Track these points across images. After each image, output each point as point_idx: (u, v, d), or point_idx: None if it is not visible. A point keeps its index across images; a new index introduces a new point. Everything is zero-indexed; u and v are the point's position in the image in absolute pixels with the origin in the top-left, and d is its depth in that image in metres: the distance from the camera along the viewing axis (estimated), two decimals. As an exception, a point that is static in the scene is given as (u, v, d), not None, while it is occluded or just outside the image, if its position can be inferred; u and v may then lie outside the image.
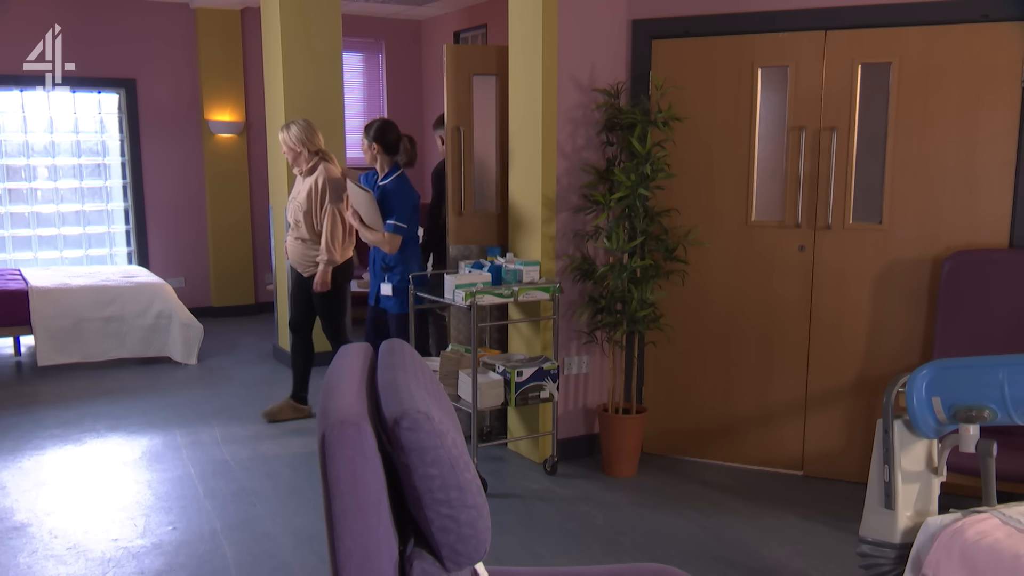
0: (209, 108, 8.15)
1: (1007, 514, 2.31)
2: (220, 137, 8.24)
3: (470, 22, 8.47)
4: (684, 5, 4.33)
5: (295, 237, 5.02)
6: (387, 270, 4.73)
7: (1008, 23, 3.80)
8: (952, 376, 2.40)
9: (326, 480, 1.39)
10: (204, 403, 5.62)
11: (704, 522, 3.82)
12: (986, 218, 3.94)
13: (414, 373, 1.68)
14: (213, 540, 3.64)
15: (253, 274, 8.54)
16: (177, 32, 8.04)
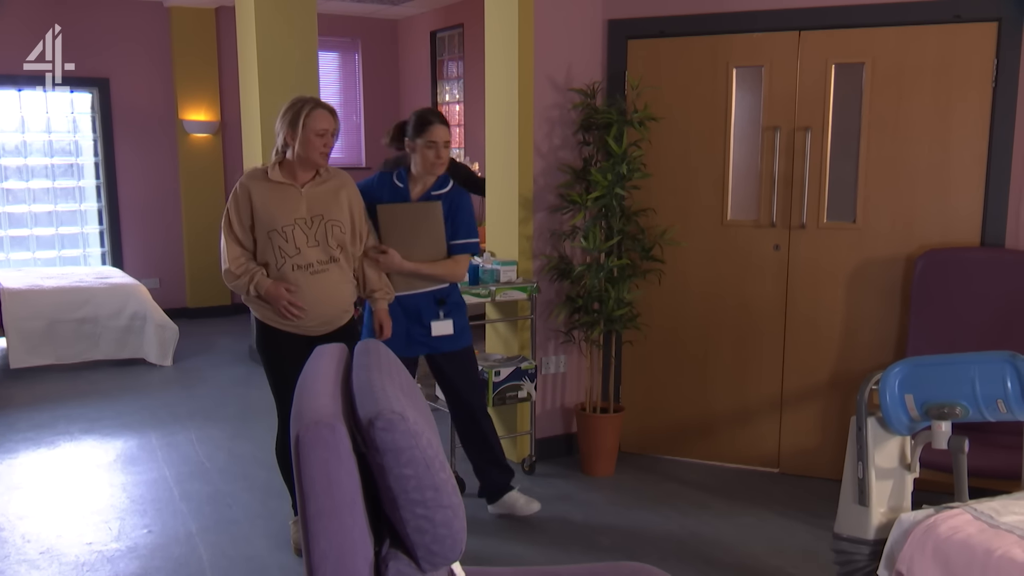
0: (184, 108, 8.09)
1: (979, 509, 2.34)
2: (195, 137, 8.18)
3: (446, 22, 8.46)
4: (659, 5, 4.35)
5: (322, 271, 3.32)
6: (442, 303, 3.68)
7: (979, 24, 3.85)
8: (924, 373, 2.43)
9: (301, 481, 1.39)
10: (179, 405, 5.57)
11: (682, 520, 3.84)
12: (958, 217, 3.98)
13: (389, 373, 1.68)
14: (189, 543, 3.61)
15: (229, 275, 8.48)
16: (151, 31, 7.97)
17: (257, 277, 3.27)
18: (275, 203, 3.28)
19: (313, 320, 3.32)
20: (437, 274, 3.61)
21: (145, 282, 7.48)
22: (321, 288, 3.31)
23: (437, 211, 3.57)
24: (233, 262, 3.29)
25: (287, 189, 3.31)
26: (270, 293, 3.25)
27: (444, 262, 3.62)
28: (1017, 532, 2.19)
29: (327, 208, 3.33)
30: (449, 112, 8.80)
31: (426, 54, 8.86)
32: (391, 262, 3.50)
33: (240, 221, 3.29)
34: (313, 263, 3.29)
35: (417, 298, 3.63)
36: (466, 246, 3.66)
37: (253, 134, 6.31)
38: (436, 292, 3.65)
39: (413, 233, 3.55)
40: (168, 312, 6.91)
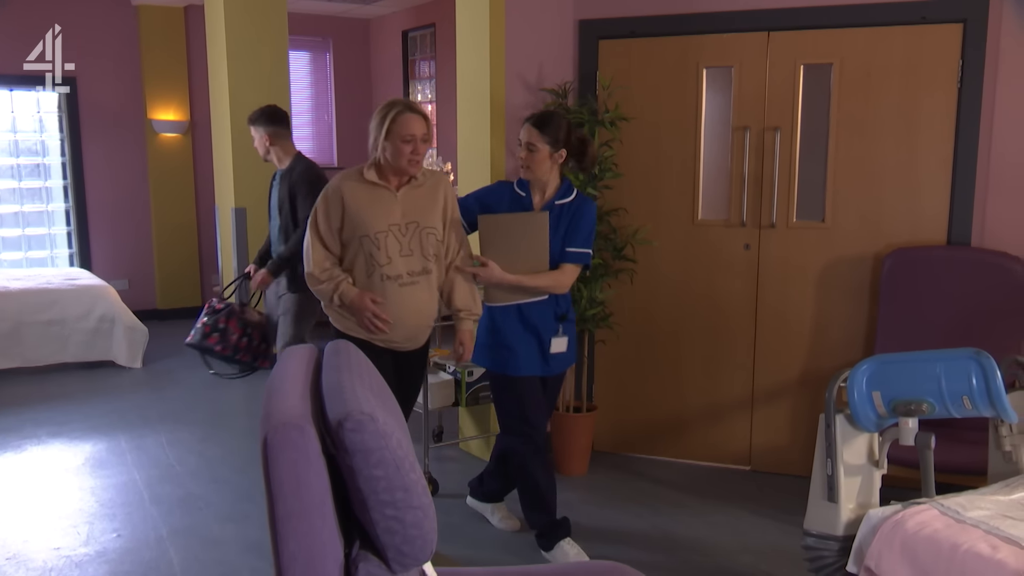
0: (152, 107, 8.01)
1: (945, 505, 2.37)
2: (164, 136, 8.10)
3: (418, 21, 8.44)
4: (630, 6, 4.36)
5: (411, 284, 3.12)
6: (563, 319, 3.43)
7: (945, 25, 3.90)
8: (891, 371, 2.46)
9: (269, 483, 1.38)
10: (149, 407, 5.52)
11: (654, 519, 3.85)
12: (925, 216, 4.03)
13: (359, 374, 1.67)
14: (159, 547, 3.58)
15: (200, 276, 8.41)
16: (118, 30, 7.88)
17: (343, 286, 3.07)
18: (369, 206, 3.05)
19: (398, 335, 3.14)
20: (541, 286, 3.33)
21: (114, 283, 7.41)
22: (409, 302, 3.10)
23: (543, 222, 3.29)
24: (317, 266, 3.09)
25: (382, 192, 3.08)
26: (355, 303, 3.06)
27: (549, 273, 3.34)
28: (983, 527, 2.22)
29: (423, 214, 3.11)
30: (421, 112, 8.76)
31: (398, 54, 8.84)
32: (490, 275, 3.27)
33: (329, 223, 3.08)
34: (403, 274, 3.07)
35: (535, 309, 3.38)
36: (576, 256, 3.36)
37: (223, 134, 6.27)
38: (556, 307, 3.41)
39: (515, 245, 3.30)
40: (138, 314, 6.83)
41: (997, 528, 2.21)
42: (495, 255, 3.29)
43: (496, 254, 3.29)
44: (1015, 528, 2.21)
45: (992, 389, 2.30)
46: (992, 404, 2.33)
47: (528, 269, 3.31)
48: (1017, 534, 2.17)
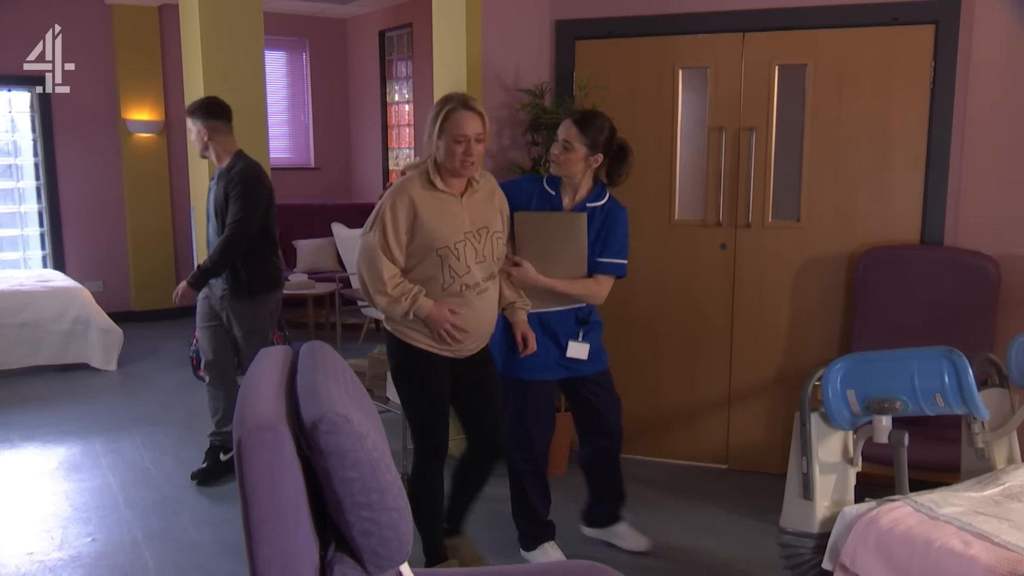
0: (126, 107, 7.94)
1: (919, 501, 2.39)
2: (138, 137, 8.03)
3: (395, 21, 8.42)
4: (606, 6, 4.37)
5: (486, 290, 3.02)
6: (584, 323, 3.33)
7: (917, 26, 3.93)
8: (865, 369, 2.48)
9: (243, 486, 1.37)
10: (124, 410, 5.47)
11: (632, 517, 3.85)
12: (898, 215, 4.06)
13: (335, 375, 1.66)
14: (134, 550, 3.55)
15: (175, 277, 8.34)
16: (92, 29, 7.80)
17: (420, 300, 2.89)
18: (444, 217, 2.89)
19: (472, 343, 3.02)
20: (575, 294, 3.20)
21: (88, 285, 7.33)
22: (485, 308, 3.00)
23: (582, 224, 3.16)
24: (391, 282, 2.88)
25: (449, 199, 2.93)
26: (432, 316, 2.89)
27: (584, 281, 3.21)
28: (956, 523, 2.25)
29: (488, 219, 2.99)
30: (398, 112, 8.77)
31: (375, 54, 8.81)
32: (524, 276, 3.14)
33: (398, 235, 2.88)
34: (480, 281, 2.95)
35: (556, 315, 3.27)
36: (612, 266, 3.23)
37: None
38: (578, 310, 3.28)
39: (552, 246, 3.16)
40: (112, 316, 6.77)
41: (970, 524, 2.23)
42: (530, 255, 3.17)
43: (531, 254, 3.17)
44: (987, 524, 2.23)
45: (964, 387, 2.33)
46: (964, 401, 2.35)
47: (563, 273, 3.18)
48: (989, 530, 2.19)
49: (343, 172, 9.46)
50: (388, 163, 8.99)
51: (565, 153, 3.18)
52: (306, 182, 9.12)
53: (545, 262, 3.16)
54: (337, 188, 9.37)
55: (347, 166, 9.44)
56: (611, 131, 3.22)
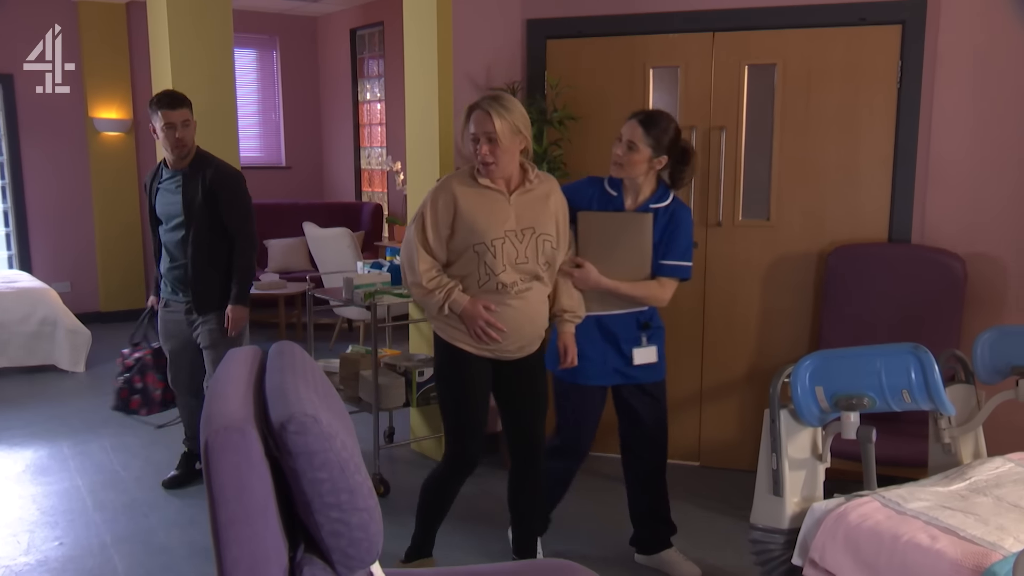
0: (94, 105, 7.84)
1: (887, 497, 2.42)
2: (106, 135, 7.94)
3: (366, 19, 8.38)
4: (577, 6, 4.38)
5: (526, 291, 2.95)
6: (646, 327, 3.25)
7: (884, 26, 3.98)
8: (833, 366, 2.50)
9: (211, 488, 1.36)
10: (93, 412, 5.40)
11: (606, 515, 3.87)
12: (866, 214, 4.11)
13: (303, 375, 1.65)
14: (103, 554, 3.51)
15: (144, 277, 8.25)
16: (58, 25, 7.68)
17: (454, 294, 2.89)
18: (484, 212, 2.87)
19: (511, 344, 2.96)
20: (637, 296, 3.13)
21: (55, 286, 7.23)
22: (525, 310, 2.94)
23: (647, 225, 3.08)
24: (425, 275, 2.90)
25: (495, 196, 2.90)
26: (467, 312, 2.88)
27: (648, 283, 3.13)
28: (923, 518, 2.27)
29: (537, 219, 2.93)
30: (370, 111, 8.73)
31: (346, 52, 8.77)
32: (587, 277, 3.07)
33: (437, 229, 2.89)
34: (518, 281, 2.90)
35: (617, 319, 3.20)
36: (676, 269, 3.14)
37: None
38: (639, 314, 3.21)
39: (616, 247, 3.10)
40: (80, 316, 6.69)
41: (936, 519, 2.26)
42: (592, 256, 3.10)
43: (593, 255, 3.10)
44: (953, 518, 2.26)
45: (930, 383, 2.35)
46: (931, 397, 2.37)
47: (626, 275, 3.10)
48: (955, 524, 2.22)
49: (315, 171, 9.41)
50: (360, 162, 8.95)
51: (629, 154, 3.10)
52: (277, 181, 9.06)
53: (608, 263, 3.09)
54: (309, 187, 9.31)
55: (319, 165, 9.39)
56: (676, 132, 3.14)
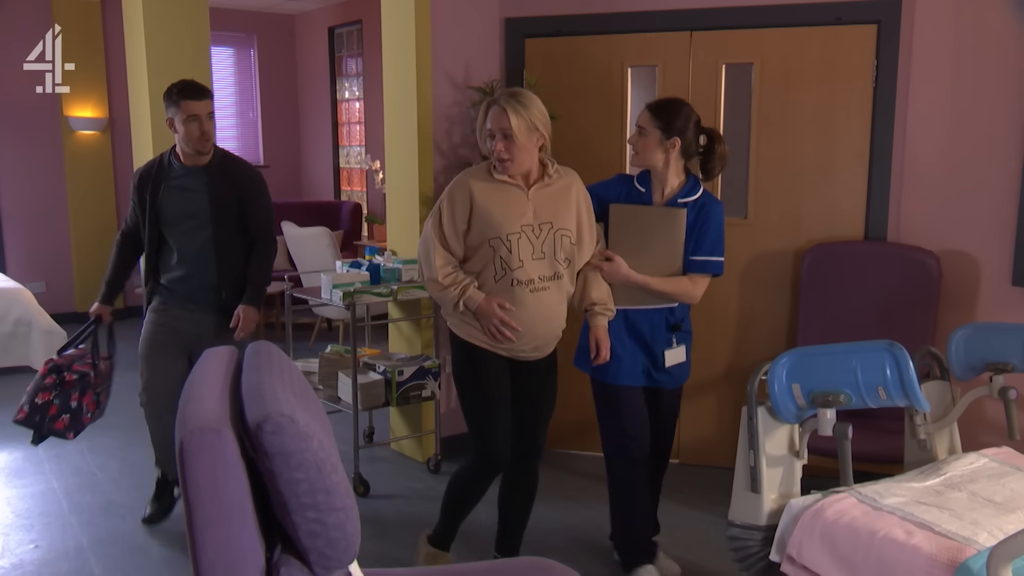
0: (68, 103, 7.76)
1: (863, 493, 2.44)
2: (81, 134, 7.86)
3: (345, 17, 8.35)
4: (555, 4, 4.38)
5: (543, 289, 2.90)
6: (676, 328, 3.20)
7: (860, 26, 4.00)
8: (810, 363, 2.51)
9: (186, 489, 1.35)
10: (68, 413, 5.34)
11: (584, 513, 3.88)
12: (843, 212, 4.14)
13: (280, 375, 1.64)
14: (79, 557, 3.48)
15: (117, 278, 8.18)
16: (31, 21, 7.61)
17: (469, 291, 2.85)
18: (500, 206, 2.83)
19: (526, 344, 2.91)
20: (669, 291, 3.06)
21: (30, 286, 7.13)
22: (541, 308, 2.87)
23: (680, 219, 3.03)
24: (441, 271, 2.86)
25: (512, 191, 2.86)
26: (482, 309, 2.83)
27: (679, 279, 3.07)
28: (899, 513, 2.29)
29: (556, 214, 2.88)
30: (348, 109, 8.70)
31: (324, 50, 8.74)
32: (616, 271, 3.02)
33: (454, 224, 2.85)
34: (535, 279, 2.85)
35: (645, 317, 3.13)
36: (708, 265, 3.09)
37: (143, 132, 6.10)
38: (669, 315, 3.15)
39: (647, 241, 3.04)
40: (55, 317, 6.60)
41: (912, 514, 2.28)
42: (623, 250, 3.04)
43: (624, 249, 3.04)
44: (928, 514, 2.28)
45: (905, 379, 2.37)
46: (906, 394, 2.39)
47: (657, 270, 3.04)
48: (930, 519, 2.24)
49: (293, 170, 9.36)
50: (339, 161, 8.91)
51: (640, 139, 3.08)
52: (255, 180, 9.00)
53: (639, 257, 3.03)
54: (287, 186, 9.26)
55: (297, 164, 9.34)
56: (690, 114, 3.08)
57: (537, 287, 2.86)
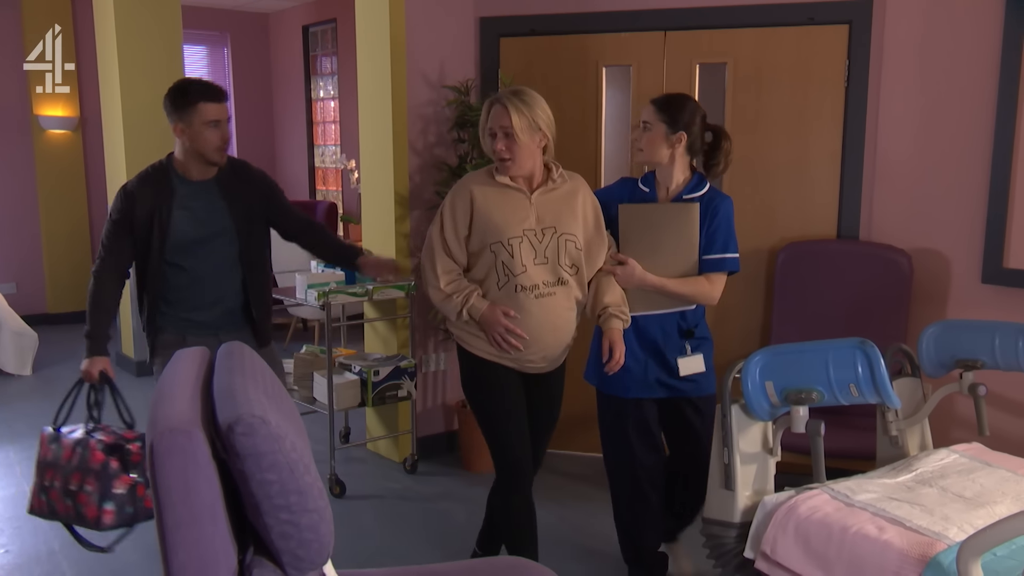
0: (39, 103, 7.66)
1: (836, 489, 2.46)
2: (52, 134, 7.77)
3: (319, 16, 8.31)
4: (530, 4, 4.38)
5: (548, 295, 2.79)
6: (689, 335, 3.04)
7: (832, 26, 4.04)
8: (783, 361, 2.53)
9: (156, 491, 1.33)
10: (40, 416, 5.28)
11: (562, 512, 3.89)
12: (816, 211, 4.17)
13: (253, 376, 1.63)
14: (51, 561, 3.44)
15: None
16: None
17: (473, 298, 2.75)
18: (501, 210, 2.74)
19: (535, 353, 2.80)
20: (686, 293, 2.92)
21: (0, 288, 7.07)
22: (547, 316, 2.76)
23: (693, 215, 2.89)
24: (444, 278, 2.77)
25: (514, 194, 2.78)
26: (486, 317, 2.73)
27: (697, 279, 2.93)
28: (871, 509, 2.31)
29: (560, 219, 2.78)
30: (323, 108, 8.66)
31: (298, 49, 8.69)
32: (630, 275, 2.88)
33: (456, 230, 2.77)
34: (539, 284, 2.74)
35: (655, 324, 2.98)
36: (723, 262, 2.95)
37: (115, 131, 6.05)
38: (681, 320, 3.00)
39: (660, 240, 2.91)
40: (26, 319, 6.55)
41: (884, 510, 2.30)
42: (636, 252, 2.91)
43: (637, 251, 2.91)
44: (900, 509, 2.30)
45: (877, 377, 2.39)
46: (877, 391, 2.41)
47: (673, 271, 2.91)
48: (902, 515, 2.26)
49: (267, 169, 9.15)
50: (314, 160, 8.87)
51: (644, 134, 2.95)
52: (229, 180, 8.94)
53: (652, 259, 2.90)
54: (262, 186, 9.20)
55: (271, 163, 9.28)
56: (695, 109, 2.96)
57: (542, 292, 2.76)
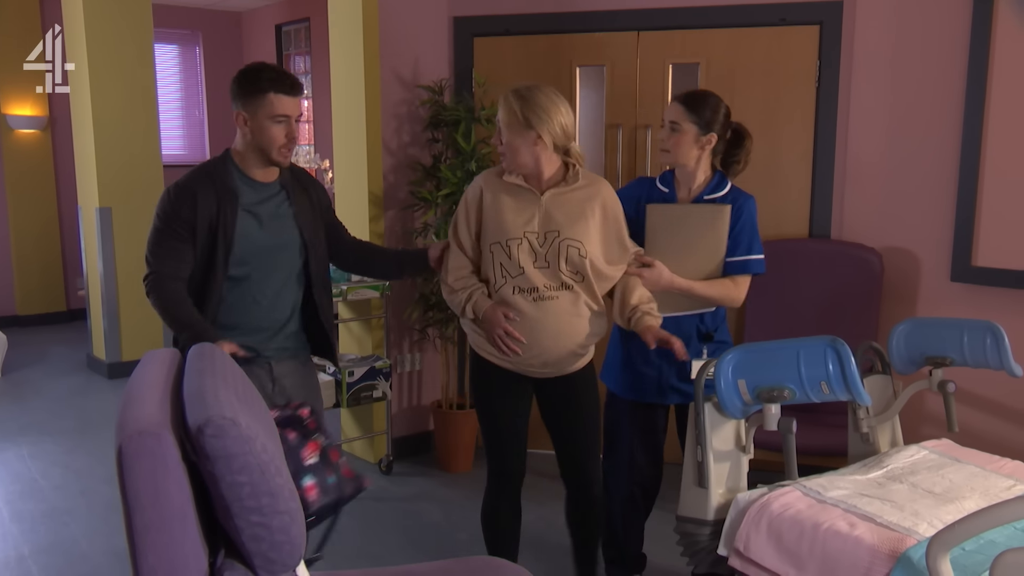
0: (6, 101, 7.56)
1: (808, 486, 2.47)
2: (20, 133, 7.67)
3: (292, 15, 8.26)
4: (503, 3, 4.39)
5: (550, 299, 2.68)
6: (708, 338, 2.92)
7: (803, 27, 4.07)
8: (755, 359, 2.54)
9: (125, 494, 1.32)
10: (9, 419, 5.22)
11: (539, 511, 3.89)
12: (788, 210, 4.20)
13: (224, 378, 1.62)
14: (21, 567, 3.39)
15: (63, 279, 8.01)
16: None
17: (476, 296, 2.69)
18: (506, 210, 2.66)
19: (534, 358, 2.70)
20: (713, 296, 2.82)
21: (-33, 289, 6.98)
22: (545, 319, 2.66)
23: (725, 216, 2.79)
24: (453, 273, 2.72)
25: (523, 194, 2.68)
26: (487, 316, 2.66)
27: (723, 282, 2.83)
28: (842, 505, 2.33)
29: (567, 223, 2.65)
30: (298, 108, 8.60)
31: (271, 48, 8.64)
32: (657, 278, 2.76)
33: (468, 227, 2.71)
34: (540, 287, 2.64)
35: (674, 326, 2.82)
36: (748, 264, 2.85)
37: (84, 130, 5.99)
38: (700, 323, 2.89)
39: (689, 242, 2.81)
40: (-5, 321, 6.47)
41: (855, 506, 2.32)
42: (663, 254, 2.80)
43: (664, 253, 2.80)
44: (871, 505, 2.32)
45: (847, 374, 2.40)
46: (848, 388, 2.43)
47: (700, 273, 2.81)
48: (873, 511, 2.28)
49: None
50: (288, 160, 8.81)
51: (673, 135, 2.80)
52: (202, 180, 8.86)
53: (681, 261, 2.79)
54: (235, 186, 9.13)
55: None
56: (719, 106, 2.83)
57: (543, 295, 2.66)
